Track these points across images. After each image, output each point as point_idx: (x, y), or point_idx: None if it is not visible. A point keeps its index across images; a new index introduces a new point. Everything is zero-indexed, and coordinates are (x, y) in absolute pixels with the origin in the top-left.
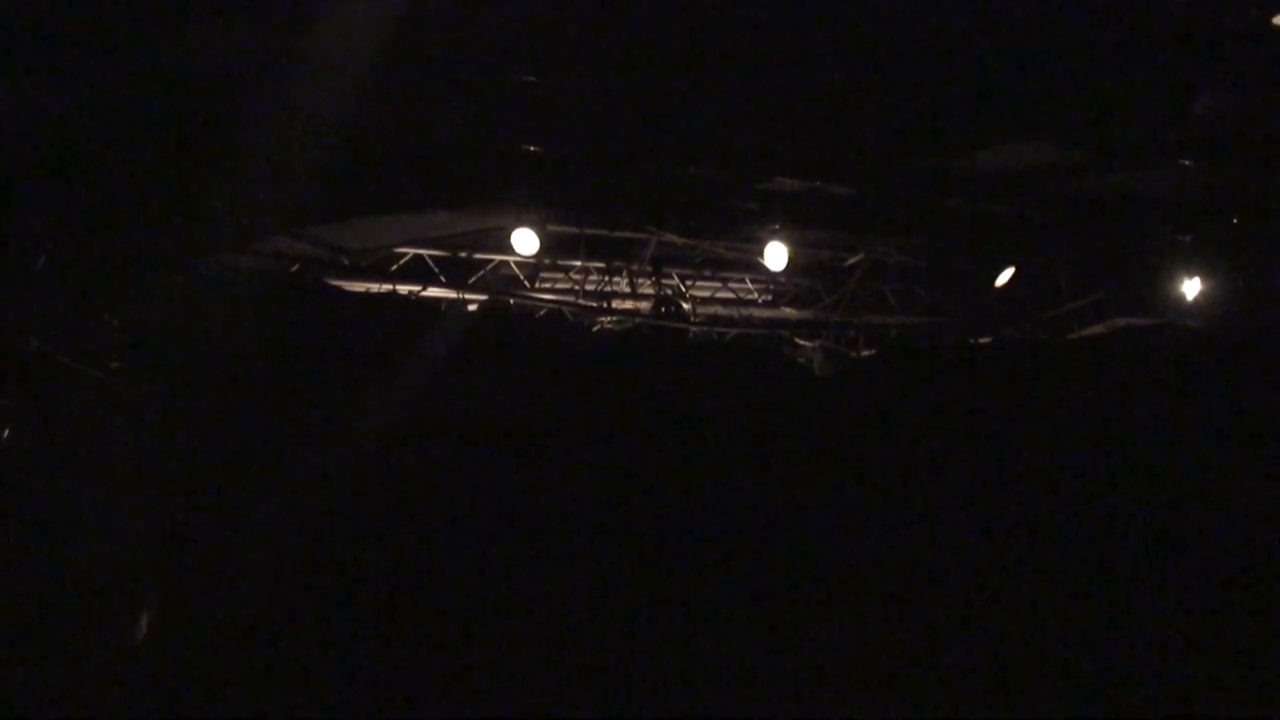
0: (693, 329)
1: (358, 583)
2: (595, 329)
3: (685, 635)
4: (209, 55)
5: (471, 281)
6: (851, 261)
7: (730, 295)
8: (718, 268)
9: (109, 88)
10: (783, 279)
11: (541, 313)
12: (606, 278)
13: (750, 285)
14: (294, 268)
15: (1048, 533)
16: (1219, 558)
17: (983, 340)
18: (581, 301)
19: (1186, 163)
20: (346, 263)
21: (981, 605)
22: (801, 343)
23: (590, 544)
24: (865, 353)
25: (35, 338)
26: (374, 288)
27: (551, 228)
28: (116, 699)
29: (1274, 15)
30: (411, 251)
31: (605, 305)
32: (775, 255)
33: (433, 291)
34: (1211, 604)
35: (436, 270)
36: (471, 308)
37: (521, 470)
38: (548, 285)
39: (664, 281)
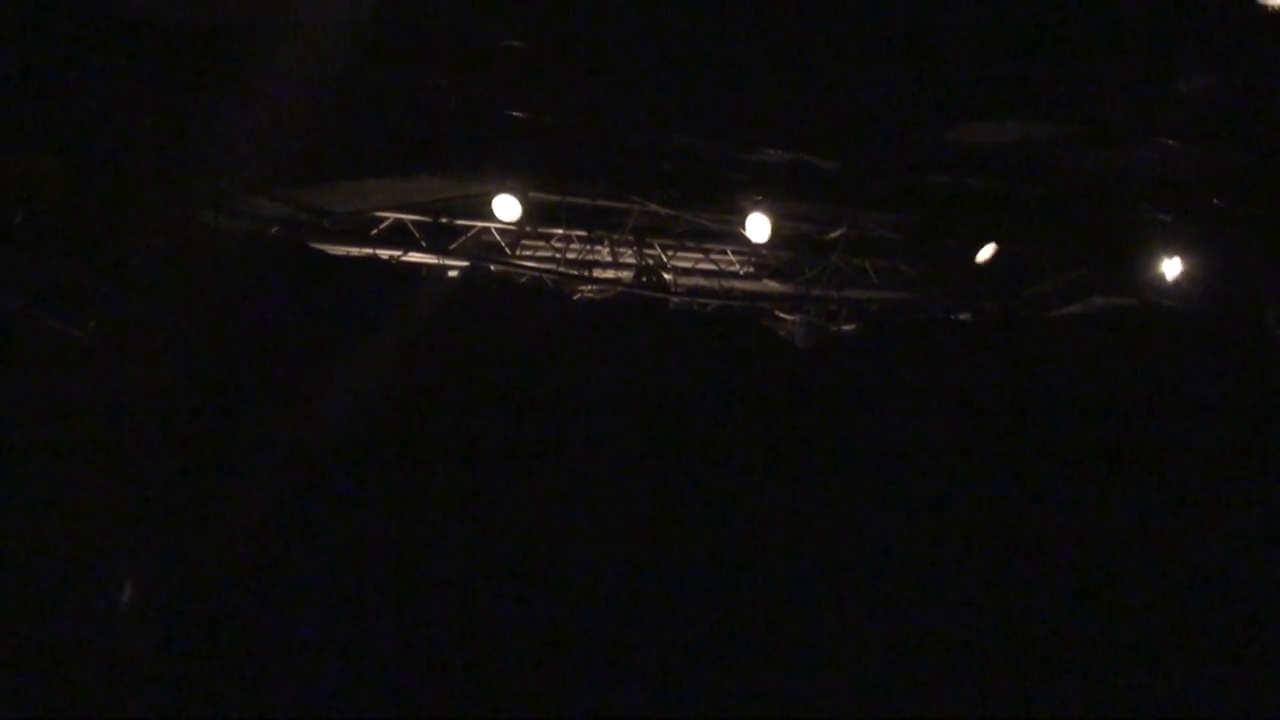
0: (674, 300)
1: (339, 547)
2: (576, 297)
3: (665, 607)
4: (190, 13)
5: (453, 247)
6: (834, 235)
7: (712, 266)
8: (700, 239)
9: (87, 45)
10: (765, 251)
11: (523, 280)
12: (588, 246)
13: (732, 257)
14: (274, 230)
15: (1028, 509)
16: (1200, 536)
17: (963, 316)
18: (563, 270)
19: (1169, 142)
20: (327, 225)
21: (963, 581)
22: (783, 315)
23: (569, 512)
24: (846, 327)
25: (12, 296)
26: (354, 251)
27: (533, 195)
28: (101, 666)
29: None
30: (393, 216)
31: (587, 274)
32: (757, 227)
33: (414, 256)
34: (1195, 579)
35: (418, 235)
36: (452, 273)
37: (501, 437)
38: (529, 253)
39: (646, 251)
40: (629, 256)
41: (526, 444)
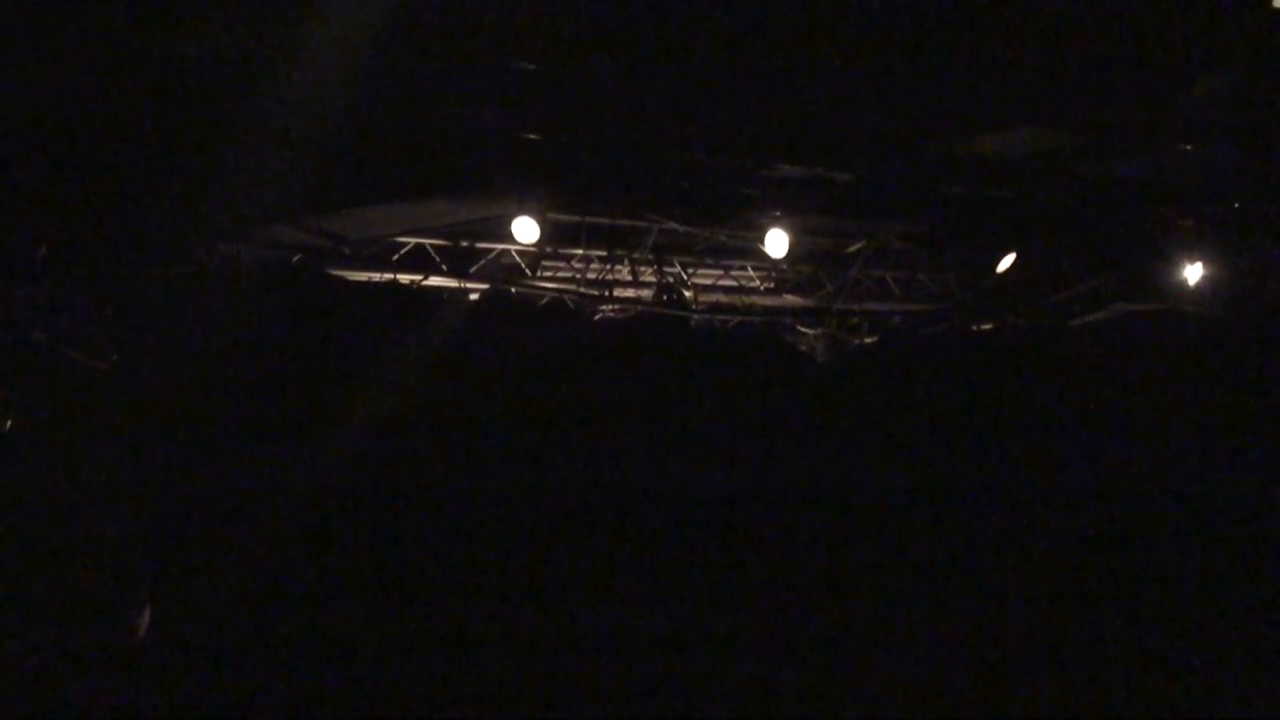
0: (694, 317)
1: (359, 572)
2: (597, 317)
3: (684, 625)
4: (208, 43)
5: (473, 270)
6: (853, 248)
7: (732, 283)
8: (719, 255)
9: (108, 76)
10: (784, 266)
11: (543, 301)
12: (608, 266)
13: (752, 273)
14: (295, 257)
15: (1050, 518)
16: (1223, 542)
17: (985, 327)
18: (583, 290)
19: (1187, 146)
20: (348, 252)
21: (983, 593)
22: (803, 330)
23: (590, 533)
24: (867, 340)
25: (38, 329)
26: (375, 277)
27: (552, 216)
28: (118, 692)
29: None
30: (413, 241)
31: (607, 294)
32: (776, 242)
33: (434, 281)
34: (1215, 587)
35: (438, 259)
36: (473, 297)
37: (522, 459)
38: (549, 274)
39: (665, 269)
40: (649, 275)
41: (549, 464)
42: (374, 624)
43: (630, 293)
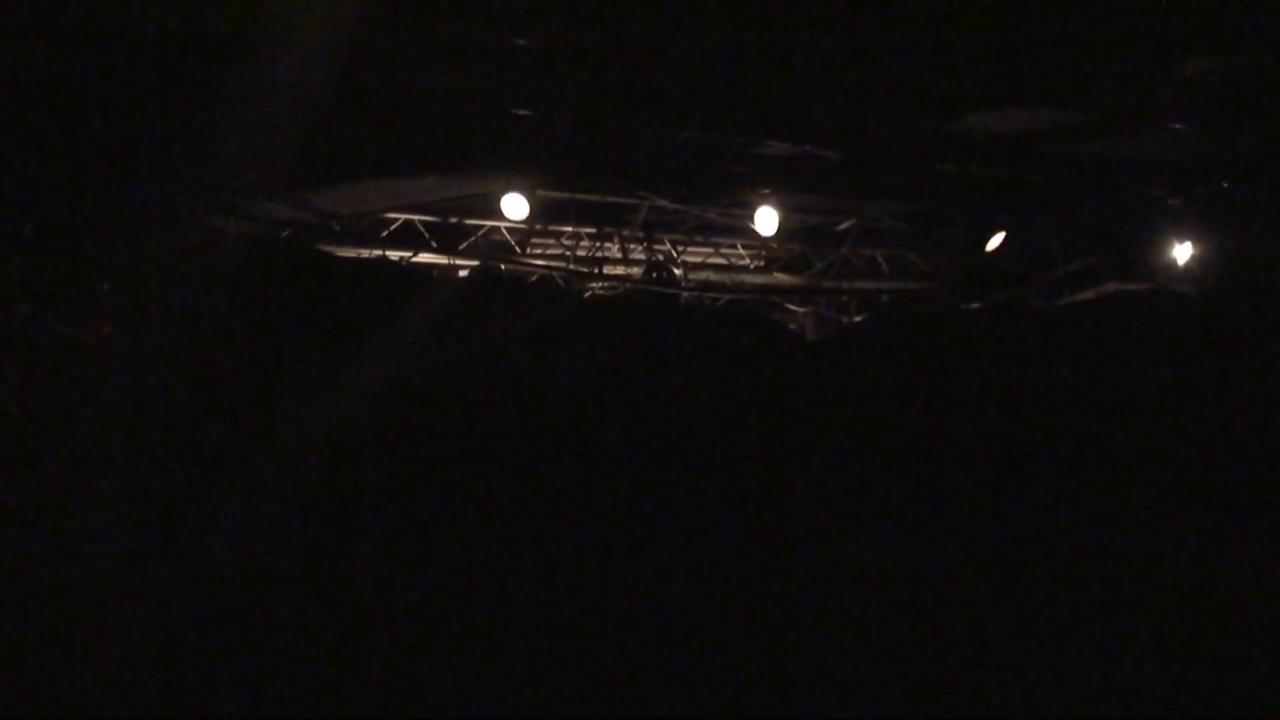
0: (684, 295)
1: (349, 550)
2: (587, 295)
3: (674, 603)
4: (197, 16)
5: (462, 247)
6: (843, 226)
7: (722, 261)
8: (709, 233)
9: (95, 49)
10: (774, 244)
11: (533, 278)
12: (598, 243)
13: (742, 251)
14: (284, 233)
15: (1039, 499)
16: (1214, 522)
17: (974, 305)
18: (573, 267)
19: (1177, 126)
20: (337, 228)
21: (973, 574)
22: (793, 308)
23: (580, 510)
24: (856, 318)
25: (25, 304)
26: (364, 253)
27: (542, 193)
28: (111, 670)
29: None
30: (402, 217)
31: (596, 271)
32: (766, 220)
33: (423, 257)
34: (1206, 568)
35: (427, 236)
36: (462, 274)
37: (511, 437)
38: (539, 251)
39: (655, 247)
40: (639, 252)
41: (539, 442)
42: (362, 601)
43: (620, 270)
